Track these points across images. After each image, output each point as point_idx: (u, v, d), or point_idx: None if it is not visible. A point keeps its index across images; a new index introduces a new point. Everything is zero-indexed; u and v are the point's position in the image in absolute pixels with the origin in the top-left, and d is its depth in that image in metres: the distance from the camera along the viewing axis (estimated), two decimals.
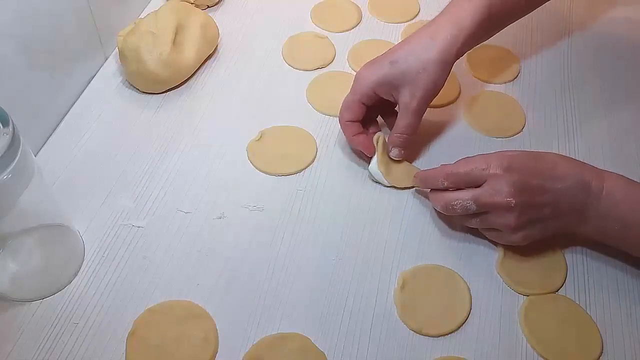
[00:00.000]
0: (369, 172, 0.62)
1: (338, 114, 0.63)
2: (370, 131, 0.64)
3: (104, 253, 0.56)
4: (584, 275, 0.56)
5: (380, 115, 0.66)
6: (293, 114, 0.70)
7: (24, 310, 0.52)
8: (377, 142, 0.61)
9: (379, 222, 0.60)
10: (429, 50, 0.59)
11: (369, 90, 0.60)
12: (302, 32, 0.80)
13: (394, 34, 0.81)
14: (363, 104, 0.61)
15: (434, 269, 0.56)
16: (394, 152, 0.62)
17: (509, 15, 0.66)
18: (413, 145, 0.65)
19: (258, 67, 0.76)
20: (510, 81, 0.75)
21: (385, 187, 0.63)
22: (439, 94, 0.72)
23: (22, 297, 0.53)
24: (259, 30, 0.81)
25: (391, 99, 0.61)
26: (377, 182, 0.62)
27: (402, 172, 0.62)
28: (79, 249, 0.56)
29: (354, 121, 0.62)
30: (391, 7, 0.85)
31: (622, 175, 0.54)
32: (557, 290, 0.55)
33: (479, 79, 0.75)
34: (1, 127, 0.42)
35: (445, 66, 0.59)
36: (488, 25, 0.62)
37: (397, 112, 0.61)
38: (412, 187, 0.62)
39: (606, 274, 0.56)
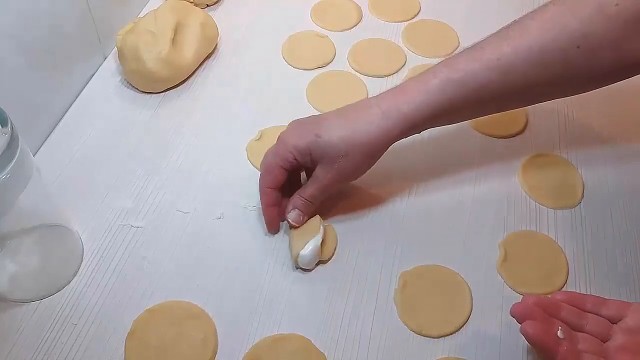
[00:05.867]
0: (300, 257, 0.54)
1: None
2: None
3: (102, 253, 0.56)
4: (585, 276, 0.56)
5: (305, 171, 0.60)
6: (293, 113, 0.69)
7: (23, 310, 0.52)
8: (320, 226, 0.55)
9: (380, 222, 0.59)
10: (360, 134, 0.53)
11: (289, 156, 0.55)
12: (302, 31, 0.80)
13: (394, 33, 0.81)
14: (284, 168, 0.55)
15: (434, 269, 0.56)
16: (293, 215, 0.56)
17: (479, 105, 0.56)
18: (413, 146, 0.66)
19: (258, 66, 0.76)
20: None
21: (383, 191, 0.62)
22: None
23: (21, 298, 0.53)
24: (259, 29, 0.81)
25: (309, 167, 0.56)
26: (301, 268, 0.55)
27: (328, 241, 0.57)
28: (77, 249, 0.56)
29: (273, 188, 0.56)
30: (391, 6, 0.85)
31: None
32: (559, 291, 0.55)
33: None
34: (0, 126, 0.42)
35: (373, 155, 0.55)
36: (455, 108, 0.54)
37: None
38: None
39: (607, 274, 0.56)
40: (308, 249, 0.54)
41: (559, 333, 0.45)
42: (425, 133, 0.67)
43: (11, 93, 0.59)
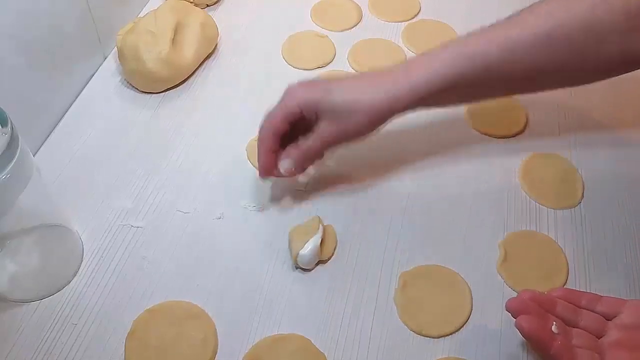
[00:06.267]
0: (300, 257, 0.54)
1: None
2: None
3: (102, 253, 0.56)
4: (585, 276, 0.56)
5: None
6: None
7: (23, 310, 0.52)
8: (319, 225, 0.55)
9: (380, 222, 0.59)
10: (367, 96, 0.54)
11: (296, 109, 0.55)
12: (302, 31, 0.80)
13: (394, 33, 0.81)
14: (288, 120, 0.55)
15: (434, 269, 0.56)
16: (285, 163, 0.56)
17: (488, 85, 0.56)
18: (414, 146, 0.66)
19: (258, 66, 0.76)
20: None
21: (384, 191, 0.62)
22: None
23: (20, 298, 0.53)
24: (259, 29, 0.81)
25: (312, 122, 0.56)
26: (301, 268, 0.55)
27: (328, 241, 0.57)
28: (77, 249, 0.56)
29: (275, 135, 0.56)
30: (391, 6, 0.84)
31: None
32: None
33: None
34: (0, 127, 0.42)
35: (376, 120, 0.55)
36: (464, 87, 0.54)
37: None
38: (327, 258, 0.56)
39: (607, 274, 0.56)
40: (307, 248, 0.54)
41: (553, 328, 0.46)
42: (425, 133, 0.67)
43: (11, 93, 0.59)
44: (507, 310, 0.46)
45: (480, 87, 0.56)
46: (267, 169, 0.57)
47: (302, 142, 0.56)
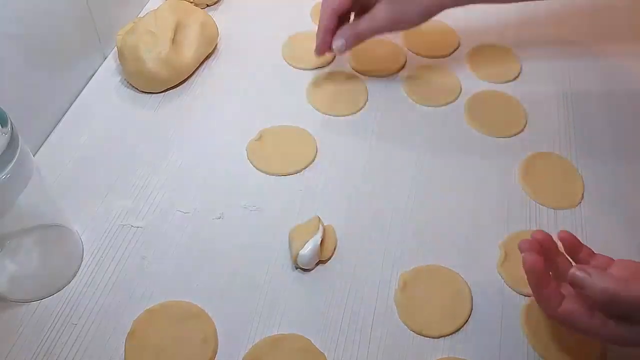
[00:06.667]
0: (300, 257, 0.54)
1: (336, 109, 0.64)
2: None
3: (102, 253, 0.56)
4: None
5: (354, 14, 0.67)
6: (293, 113, 0.69)
7: (23, 310, 0.52)
8: (319, 225, 0.55)
9: (380, 222, 0.59)
10: None
11: None
12: (302, 32, 0.80)
13: (395, 33, 0.81)
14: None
15: (434, 269, 0.56)
16: (339, 43, 0.64)
17: None
18: (414, 146, 0.66)
19: (258, 66, 0.76)
20: (510, 81, 0.75)
21: (384, 191, 0.62)
22: (438, 94, 0.72)
23: (20, 298, 0.53)
24: (259, 30, 0.81)
25: (371, 3, 0.63)
26: (301, 268, 0.55)
27: (328, 241, 0.56)
28: (77, 249, 0.56)
29: (336, 10, 0.63)
30: None
31: None
32: None
33: (479, 78, 0.75)
34: (0, 126, 0.42)
35: (428, 14, 0.64)
36: None
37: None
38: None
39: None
40: (307, 248, 0.54)
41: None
42: (425, 133, 0.67)
43: (11, 93, 0.59)
44: (519, 249, 0.48)
45: None
46: (323, 48, 0.66)
47: (356, 23, 0.63)
